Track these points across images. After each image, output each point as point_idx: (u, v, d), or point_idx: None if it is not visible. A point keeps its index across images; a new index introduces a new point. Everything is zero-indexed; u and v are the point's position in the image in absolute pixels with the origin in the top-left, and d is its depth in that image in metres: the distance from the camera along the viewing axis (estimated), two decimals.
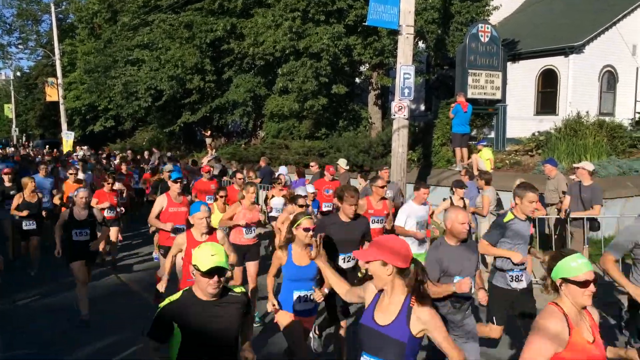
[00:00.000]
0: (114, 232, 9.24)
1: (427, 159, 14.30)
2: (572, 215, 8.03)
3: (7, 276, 7.97)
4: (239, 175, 10.01)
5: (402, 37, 10.56)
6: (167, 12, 20.24)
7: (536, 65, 16.41)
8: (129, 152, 20.95)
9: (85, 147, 27.22)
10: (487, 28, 14.14)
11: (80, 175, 11.48)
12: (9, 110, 46.91)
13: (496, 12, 16.68)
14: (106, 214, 8.66)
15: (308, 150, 16.83)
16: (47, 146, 30.76)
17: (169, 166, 11.90)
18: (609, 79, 16.86)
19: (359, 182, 10.76)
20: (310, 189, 8.98)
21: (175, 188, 7.13)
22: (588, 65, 15.98)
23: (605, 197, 8.25)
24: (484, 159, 11.86)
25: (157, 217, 7.03)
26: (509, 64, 15.59)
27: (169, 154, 21.00)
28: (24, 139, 46.91)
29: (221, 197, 7.96)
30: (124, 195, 11.64)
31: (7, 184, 9.70)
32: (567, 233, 8.26)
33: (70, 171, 10.76)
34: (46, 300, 7.67)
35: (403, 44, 10.60)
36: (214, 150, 20.53)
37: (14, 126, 45.88)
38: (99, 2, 27.16)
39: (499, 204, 9.19)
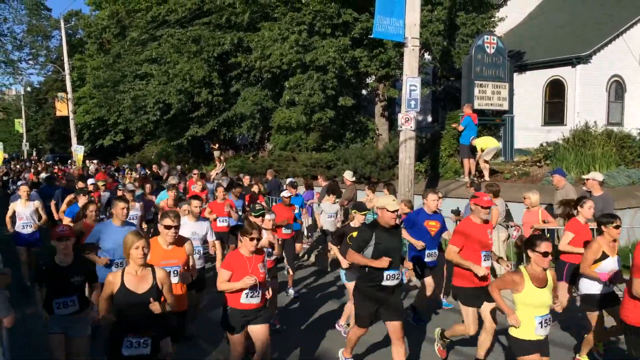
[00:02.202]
0: None
1: (434, 170, 14.28)
2: None
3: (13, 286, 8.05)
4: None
5: (408, 50, 10.60)
6: (175, 27, 20.47)
7: (543, 76, 16.41)
8: (137, 165, 21.11)
9: (95, 161, 27.47)
10: (493, 39, 14.15)
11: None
12: (20, 125, 47.55)
13: (502, 24, 16.71)
14: (244, 299, 4.78)
15: (315, 162, 16.85)
16: (71, 161, 30.59)
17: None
18: (617, 89, 16.82)
19: (366, 194, 10.76)
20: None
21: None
22: (595, 75, 15.97)
23: (615, 207, 8.18)
24: (485, 145, 12.09)
25: None
26: (515, 75, 15.59)
27: (178, 167, 21.16)
28: (34, 153, 47.36)
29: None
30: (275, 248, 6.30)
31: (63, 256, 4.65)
32: None
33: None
34: None
35: (409, 56, 10.63)
36: (223, 163, 20.63)
37: (24, 141, 46.48)
38: (108, 17, 27.53)
39: (507, 215, 9.14)
